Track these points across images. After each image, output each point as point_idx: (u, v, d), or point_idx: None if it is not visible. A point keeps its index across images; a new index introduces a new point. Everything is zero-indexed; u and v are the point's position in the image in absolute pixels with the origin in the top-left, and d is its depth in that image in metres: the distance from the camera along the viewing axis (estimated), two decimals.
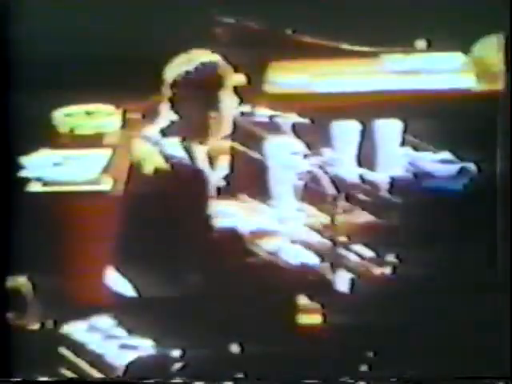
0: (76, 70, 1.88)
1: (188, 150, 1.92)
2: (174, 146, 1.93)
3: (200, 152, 1.93)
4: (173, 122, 1.92)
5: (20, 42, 1.92)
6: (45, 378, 1.92)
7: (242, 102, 1.90)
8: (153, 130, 1.93)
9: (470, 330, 1.83)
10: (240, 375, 1.90)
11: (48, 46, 1.91)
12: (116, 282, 1.93)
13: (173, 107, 1.91)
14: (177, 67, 1.89)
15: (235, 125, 1.91)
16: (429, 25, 1.83)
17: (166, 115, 1.91)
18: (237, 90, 1.90)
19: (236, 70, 1.89)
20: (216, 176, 1.92)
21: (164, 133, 1.92)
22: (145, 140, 1.93)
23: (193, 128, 1.92)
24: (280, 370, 1.88)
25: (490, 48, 1.85)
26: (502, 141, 1.83)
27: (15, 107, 1.91)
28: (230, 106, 1.91)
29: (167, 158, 1.92)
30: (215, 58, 1.89)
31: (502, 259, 1.83)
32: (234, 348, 1.90)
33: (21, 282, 1.94)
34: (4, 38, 1.92)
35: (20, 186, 1.94)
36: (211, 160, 1.93)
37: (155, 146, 1.92)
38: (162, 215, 1.89)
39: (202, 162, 1.93)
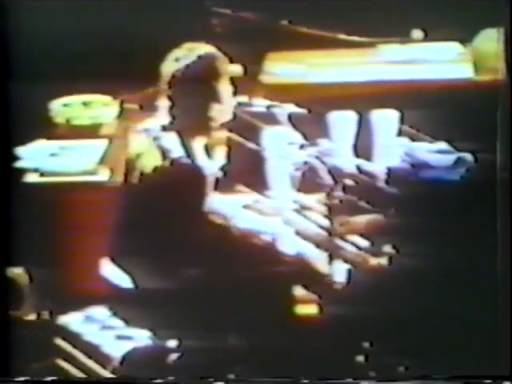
0: (73, 60, 1.88)
1: (186, 145, 1.92)
2: (173, 141, 1.92)
3: (198, 145, 1.93)
4: (174, 119, 1.91)
5: (18, 33, 1.92)
6: (41, 368, 1.93)
7: (238, 92, 1.90)
8: (152, 124, 1.93)
9: (466, 317, 1.84)
10: (236, 366, 1.90)
11: (46, 37, 1.91)
12: (113, 273, 1.93)
13: (171, 103, 1.91)
14: (173, 62, 1.89)
15: (232, 115, 1.91)
16: (425, 14, 1.82)
17: (165, 112, 1.91)
18: (233, 80, 1.90)
19: (233, 61, 1.88)
20: (213, 167, 1.92)
21: (165, 128, 1.92)
22: (143, 135, 1.92)
23: (192, 122, 1.92)
24: (276, 360, 1.87)
25: (488, 38, 1.84)
26: (499, 131, 1.82)
27: (12, 98, 1.91)
28: (227, 96, 1.90)
29: (166, 154, 1.92)
30: (211, 49, 1.89)
31: (500, 249, 1.82)
32: (231, 339, 1.90)
33: (17, 272, 1.94)
34: (2, 29, 1.92)
35: (17, 176, 1.94)
36: (208, 151, 1.93)
37: (154, 142, 1.92)
38: (160, 206, 1.89)
39: (199, 155, 1.93)
